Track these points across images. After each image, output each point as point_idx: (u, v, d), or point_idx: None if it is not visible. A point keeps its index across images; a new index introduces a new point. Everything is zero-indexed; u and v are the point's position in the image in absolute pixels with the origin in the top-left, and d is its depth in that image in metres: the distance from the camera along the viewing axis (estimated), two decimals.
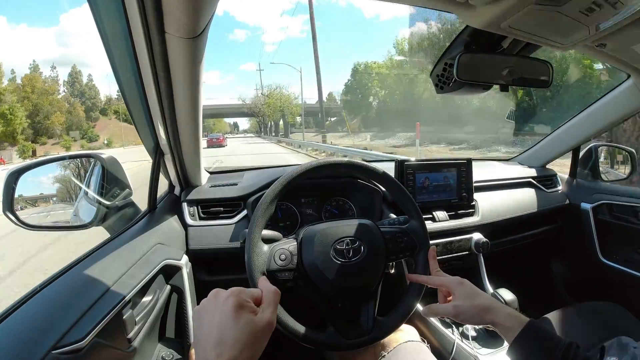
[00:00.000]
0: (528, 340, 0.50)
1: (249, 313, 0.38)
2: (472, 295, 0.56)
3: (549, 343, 0.49)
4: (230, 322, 0.36)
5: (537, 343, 0.50)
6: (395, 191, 0.71)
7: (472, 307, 0.54)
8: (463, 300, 0.55)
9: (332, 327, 0.60)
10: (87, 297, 0.51)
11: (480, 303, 0.54)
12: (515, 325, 0.51)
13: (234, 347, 0.35)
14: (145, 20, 0.45)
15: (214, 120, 65.11)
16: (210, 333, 0.36)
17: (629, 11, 0.52)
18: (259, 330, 0.37)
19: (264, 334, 0.38)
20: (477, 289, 0.57)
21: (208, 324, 0.37)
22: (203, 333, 0.37)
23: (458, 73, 0.64)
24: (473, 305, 0.54)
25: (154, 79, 0.56)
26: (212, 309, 0.38)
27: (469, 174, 1.05)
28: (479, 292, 0.56)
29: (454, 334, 0.83)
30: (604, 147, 1.38)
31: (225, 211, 0.91)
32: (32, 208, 0.74)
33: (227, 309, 0.37)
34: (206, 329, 0.37)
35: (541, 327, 0.51)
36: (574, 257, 1.32)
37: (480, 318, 0.54)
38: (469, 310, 0.54)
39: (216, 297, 0.39)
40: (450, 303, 0.56)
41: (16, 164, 0.59)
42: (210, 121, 64.43)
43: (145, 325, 0.64)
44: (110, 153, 0.83)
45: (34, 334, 0.43)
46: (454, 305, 0.55)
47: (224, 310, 0.37)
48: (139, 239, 0.72)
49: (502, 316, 0.53)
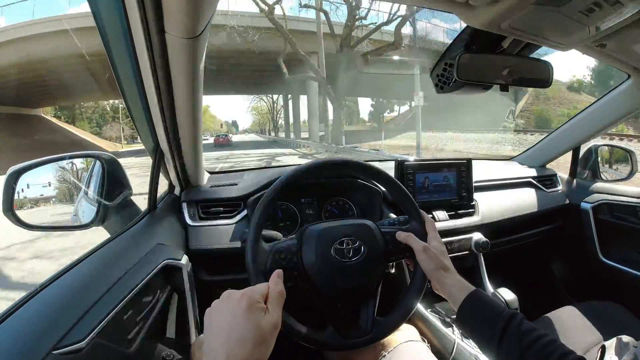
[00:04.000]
0: (472, 308, 0.52)
1: (260, 313, 0.38)
2: (443, 252, 0.61)
3: (493, 311, 0.51)
4: (241, 323, 0.37)
5: (480, 311, 0.52)
6: (395, 191, 0.71)
7: (437, 257, 0.59)
8: (435, 249, 0.60)
9: (331, 326, 0.60)
10: (87, 297, 0.51)
11: (444, 260, 0.59)
12: (461, 293, 0.53)
13: (245, 347, 0.35)
14: (145, 20, 0.45)
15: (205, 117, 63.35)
16: (220, 333, 0.37)
17: (629, 11, 0.52)
18: (267, 331, 0.38)
19: (272, 334, 0.38)
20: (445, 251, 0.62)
21: (219, 324, 0.37)
22: (213, 333, 0.37)
23: (458, 73, 0.64)
24: (438, 257, 0.59)
25: (154, 79, 0.56)
26: (224, 309, 0.39)
27: (469, 174, 1.05)
28: (446, 254, 0.61)
29: (454, 334, 0.83)
30: (604, 147, 1.38)
31: (226, 211, 0.91)
32: (32, 208, 0.74)
33: (240, 310, 0.37)
34: (216, 329, 0.37)
35: (485, 295, 0.54)
36: (574, 257, 1.32)
37: (436, 271, 0.58)
38: (433, 257, 0.59)
39: (229, 297, 0.40)
40: (424, 242, 0.61)
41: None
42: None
43: (145, 326, 0.64)
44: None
45: (34, 335, 0.43)
46: (425, 245, 0.60)
47: (236, 311, 0.37)
48: (139, 239, 0.72)
49: (453, 281, 0.56)
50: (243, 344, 0.35)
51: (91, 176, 0.84)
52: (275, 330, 0.39)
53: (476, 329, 0.51)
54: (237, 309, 0.37)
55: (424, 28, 15.44)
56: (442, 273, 0.57)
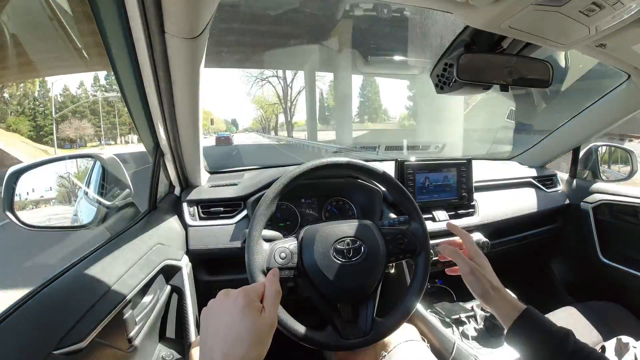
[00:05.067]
0: (524, 327, 0.51)
1: (256, 312, 0.38)
2: (489, 270, 0.59)
3: (545, 330, 0.50)
4: (238, 322, 0.36)
5: (532, 330, 0.51)
6: (396, 192, 0.71)
7: (484, 278, 0.57)
8: (482, 268, 0.58)
9: (331, 327, 0.60)
10: (87, 297, 0.51)
11: (492, 279, 0.57)
12: (513, 312, 0.52)
13: (241, 346, 0.35)
14: (145, 20, 0.45)
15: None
16: (217, 332, 0.36)
17: (629, 11, 0.52)
18: (264, 330, 0.37)
19: (269, 333, 0.38)
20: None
21: (215, 324, 0.37)
22: (209, 332, 0.37)
23: (458, 73, 0.64)
24: (486, 278, 0.57)
25: (154, 79, 0.56)
26: (220, 309, 0.38)
27: (469, 174, 1.05)
28: (491, 270, 0.59)
29: (454, 334, 0.83)
30: (604, 147, 1.38)
31: (226, 211, 0.91)
32: (32, 208, 0.74)
33: (236, 309, 0.37)
34: (213, 328, 0.37)
35: (537, 314, 0.53)
36: (574, 257, 1.32)
37: (485, 293, 0.56)
38: (481, 278, 0.56)
39: (226, 296, 0.39)
40: (469, 261, 0.59)
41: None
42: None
43: (145, 326, 0.64)
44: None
45: (35, 335, 0.43)
46: (473, 266, 0.58)
47: (233, 311, 0.37)
48: (139, 239, 0.72)
49: (503, 300, 0.55)
50: (239, 343, 0.35)
51: (91, 176, 0.84)
52: (272, 329, 0.39)
53: (528, 348, 0.50)
54: (234, 308, 0.37)
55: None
56: (491, 295, 0.55)
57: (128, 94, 0.64)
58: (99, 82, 30.34)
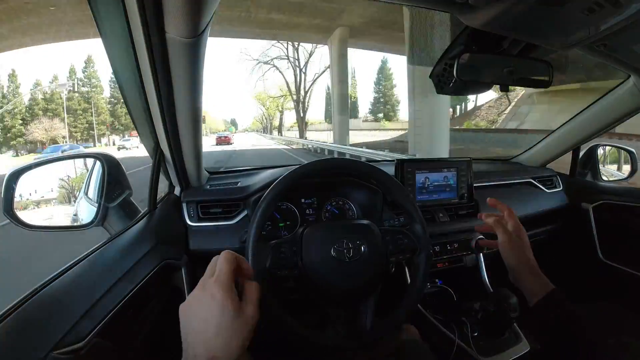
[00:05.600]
0: (549, 308, 0.54)
1: (235, 304, 0.38)
2: (527, 245, 0.63)
3: (568, 315, 0.52)
4: (218, 316, 0.37)
5: (556, 313, 0.53)
6: (396, 192, 0.71)
7: (520, 250, 0.60)
8: (521, 240, 0.62)
9: (331, 327, 0.60)
10: (87, 297, 0.52)
11: (528, 254, 0.61)
12: (541, 291, 0.56)
13: (222, 339, 0.36)
14: (145, 21, 0.45)
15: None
16: (197, 328, 0.37)
17: (629, 11, 0.52)
18: (243, 322, 0.38)
19: (248, 326, 0.38)
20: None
21: (194, 320, 0.37)
22: (190, 329, 0.37)
23: (458, 73, 0.64)
24: (522, 250, 0.60)
25: (154, 80, 0.56)
26: (199, 304, 0.38)
27: (469, 174, 1.05)
28: (529, 247, 0.63)
29: (454, 334, 0.83)
30: (604, 147, 1.38)
31: (226, 211, 0.91)
32: (32, 208, 0.75)
33: (215, 304, 0.37)
34: (193, 324, 0.37)
35: (563, 298, 0.55)
36: (574, 257, 1.32)
37: (518, 264, 0.60)
38: (516, 249, 0.60)
39: (202, 291, 0.39)
40: (509, 232, 0.63)
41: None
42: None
43: (145, 326, 0.64)
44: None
45: (34, 335, 0.43)
46: (512, 236, 0.62)
47: (211, 305, 0.37)
48: (139, 239, 0.72)
49: (533, 276, 0.58)
50: (220, 337, 0.36)
51: (91, 176, 0.84)
52: (253, 320, 0.39)
53: (546, 328, 0.52)
54: (212, 302, 0.37)
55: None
56: (524, 268, 0.58)
57: (128, 95, 0.64)
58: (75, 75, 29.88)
